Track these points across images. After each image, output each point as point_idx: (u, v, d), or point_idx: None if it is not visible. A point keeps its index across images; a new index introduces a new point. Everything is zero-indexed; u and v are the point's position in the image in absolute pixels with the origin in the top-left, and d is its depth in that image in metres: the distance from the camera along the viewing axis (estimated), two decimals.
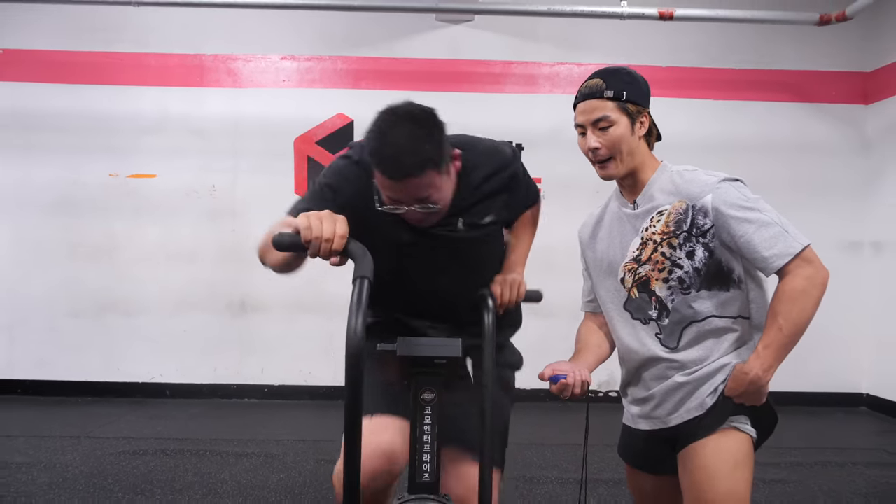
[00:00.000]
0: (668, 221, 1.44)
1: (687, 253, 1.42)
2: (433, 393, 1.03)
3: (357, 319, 0.92)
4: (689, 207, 1.42)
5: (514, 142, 4.76)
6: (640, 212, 1.49)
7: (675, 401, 1.46)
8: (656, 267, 1.45)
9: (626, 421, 1.68)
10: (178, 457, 3.37)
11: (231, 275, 4.72)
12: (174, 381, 4.72)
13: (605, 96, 1.45)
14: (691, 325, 1.44)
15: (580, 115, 1.50)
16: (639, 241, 1.49)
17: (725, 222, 1.38)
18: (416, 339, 1.02)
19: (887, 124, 4.72)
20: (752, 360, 1.38)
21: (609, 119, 1.45)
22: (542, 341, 4.77)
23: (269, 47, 4.75)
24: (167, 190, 4.70)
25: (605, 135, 1.45)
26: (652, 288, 1.47)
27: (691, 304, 1.43)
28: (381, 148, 1.30)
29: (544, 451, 3.60)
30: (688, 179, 1.45)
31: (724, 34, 4.78)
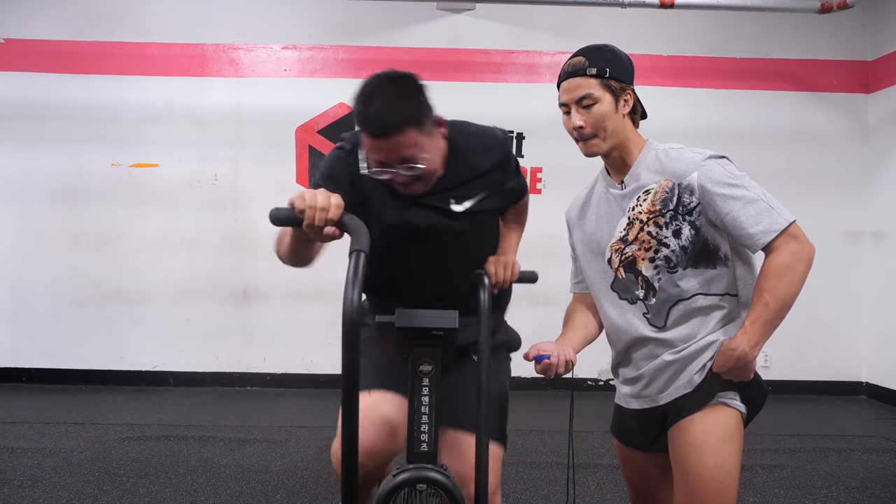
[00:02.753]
0: (655, 200, 1.43)
1: (673, 231, 1.41)
2: (431, 365, 1.04)
3: (353, 292, 0.94)
4: (675, 186, 1.41)
5: (514, 131, 4.78)
6: (628, 191, 1.48)
7: (665, 379, 1.47)
8: (642, 246, 1.45)
9: (618, 401, 1.68)
10: (181, 442, 3.40)
11: (233, 263, 4.75)
12: (177, 369, 4.76)
13: (588, 73, 1.43)
14: (678, 304, 1.44)
15: (564, 94, 1.47)
16: (625, 221, 1.48)
17: (711, 200, 1.38)
18: (414, 311, 1.03)
19: (889, 113, 4.72)
20: (739, 336, 1.38)
21: (593, 97, 1.43)
22: (542, 329, 4.81)
23: (271, 37, 4.76)
24: (169, 179, 4.73)
25: (589, 112, 1.44)
26: (638, 268, 1.47)
27: (678, 282, 1.43)
28: (364, 109, 1.34)
29: (544, 438, 3.63)
30: (673, 158, 1.44)
31: (725, 23, 4.77)
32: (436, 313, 1.04)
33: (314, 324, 4.66)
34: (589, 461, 3.26)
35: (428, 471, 1.06)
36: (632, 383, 1.56)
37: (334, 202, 1.11)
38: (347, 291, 0.94)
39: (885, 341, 4.70)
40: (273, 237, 1.51)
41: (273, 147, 4.75)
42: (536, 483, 2.95)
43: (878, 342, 4.76)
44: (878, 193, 4.79)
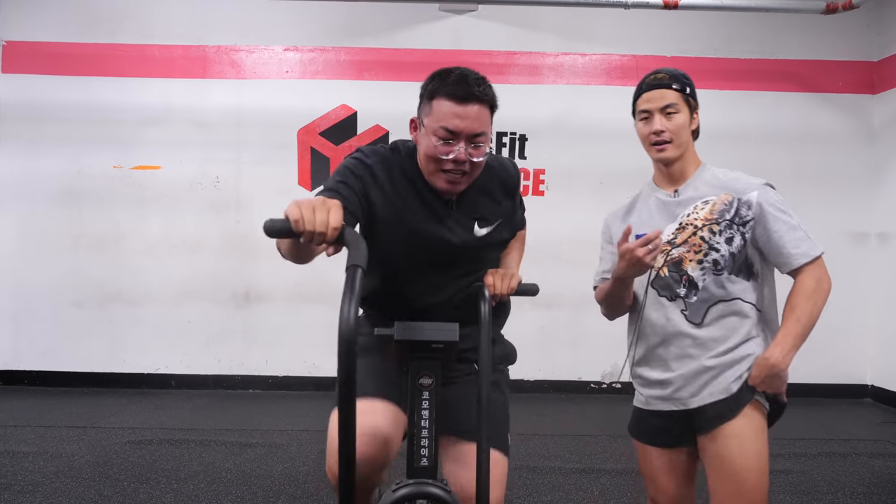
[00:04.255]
0: (713, 210, 1.59)
1: (726, 239, 1.57)
2: (431, 378, 1.02)
3: (350, 308, 0.91)
4: (735, 199, 1.59)
5: (516, 132, 4.76)
6: (682, 199, 1.64)
7: (699, 384, 1.57)
8: (692, 249, 1.59)
9: (639, 404, 1.74)
10: (182, 446, 3.39)
11: (235, 266, 4.73)
12: (178, 371, 4.74)
13: (672, 87, 1.62)
14: (718, 304, 1.58)
15: (647, 103, 1.64)
16: (675, 225, 1.63)
17: (764, 217, 1.56)
18: (413, 324, 1.01)
19: (894, 114, 4.68)
20: (773, 347, 1.51)
21: (675, 107, 1.61)
22: (545, 331, 4.80)
23: (272, 39, 4.74)
24: (171, 181, 4.71)
25: (671, 120, 1.61)
26: (684, 268, 1.60)
27: (724, 284, 1.57)
28: (447, 76, 1.40)
29: (547, 442, 3.61)
30: (733, 178, 1.63)
31: (730, 24, 4.74)
32: (436, 326, 1.01)
33: (316, 326, 4.63)
34: (592, 465, 3.23)
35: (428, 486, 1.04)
36: (659, 386, 1.64)
37: (332, 223, 1.05)
38: (344, 307, 0.91)
39: (891, 344, 4.67)
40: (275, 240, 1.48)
41: (275, 149, 4.73)
42: (539, 489, 2.93)
43: (883, 345, 4.73)
44: (884, 195, 4.76)
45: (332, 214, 1.06)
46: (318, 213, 1.06)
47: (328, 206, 1.08)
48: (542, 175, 4.78)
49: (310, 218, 1.04)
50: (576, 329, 4.83)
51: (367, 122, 4.72)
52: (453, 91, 1.38)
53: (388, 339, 1.00)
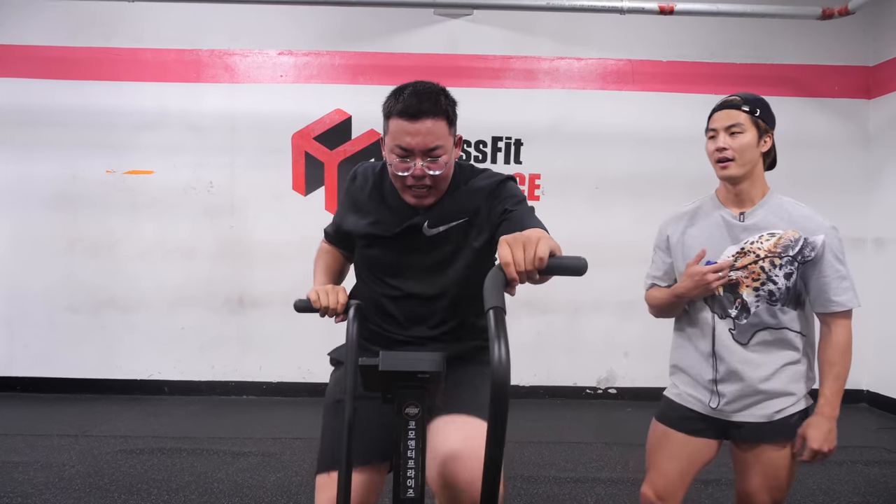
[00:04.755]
0: (778, 243, 1.67)
1: (786, 274, 1.67)
2: (417, 407, 1.00)
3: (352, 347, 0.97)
4: (801, 238, 1.66)
5: (512, 137, 4.74)
6: (748, 225, 1.71)
7: (745, 403, 1.70)
8: (751, 276, 1.68)
9: (673, 396, 1.86)
10: (174, 456, 3.36)
11: (229, 271, 4.71)
12: (172, 378, 4.72)
13: (741, 108, 1.70)
14: (765, 330, 1.69)
15: (715, 122, 1.73)
16: (736, 249, 1.70)
17: (822, 259, 1.66)
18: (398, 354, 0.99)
19: (889, 119, 4.68)
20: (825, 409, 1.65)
21: (741, 127, 1.68)
22: (542, 337, 4.79)
23: (267, 42, 4.71)
24: (165, 186, 4.68)
25: (735, 139, 1.68)
26: (740, 291, 1.70)
27: (776, 314, 1.68)
28: (397, 97, 1.45)
29: (542, 450, 3.59)
30: (804, 215, 1.70)
31: (726, 28, 4.73)
32: (421, 355, 1.00)
33: (311, 332, 4.57)
34: (587, 475, 3.22)
35: None
36: (706, 393, 1.75)
37: (340, 301, 1.50)
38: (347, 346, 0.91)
39: (887, 349, 4.66)
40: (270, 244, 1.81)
41: (269, 153, 4.70)
42: (534, 499, 2.91)
43: (879, 350, 4.72)
44: (880, 200, 4.75)
45: (340, 297, 1.50)
46: (330, 296, 1.50)
47: (337, 291, 1.52)
48: (538, 180, 4.76)
49: (325, 299, 1.49)
50: (571, 334, 4.81)
51: (361, 127, 4.69)
52: (403, 109, 1.42)
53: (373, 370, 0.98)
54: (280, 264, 4.62)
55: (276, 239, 4.62)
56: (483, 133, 4.71)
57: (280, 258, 4.62)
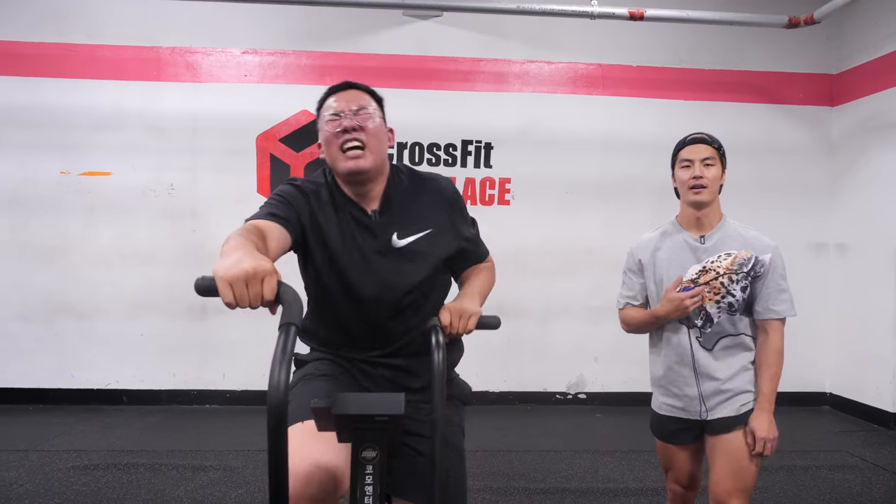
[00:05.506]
0: (734, 262, 1.91)
1: (741, 287, 1.91)
2: (375, 451, 0.94)
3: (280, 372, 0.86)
4: (753, 257, 1.91)
5: (482, 140, 4.69)
6: (708, 246, 1.95)
7: (714, 402, 1.93)
8: (713, 290, 1.91)
9: (657, 409, 2.08)
10: (130, 471, 3.23)
11: (191, 276, 4.45)
12: (131, 387, 4.55)
13: (712, 145, 1.95)
14: (727, 337, 1.93)
15: (689, 154, 1.94)
16: (699, 267, 1.94)
17: (768, 275, 1.91)
18: (354, 396, 0.92)
19: (852, 126, 4.76)
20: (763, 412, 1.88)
21: (713, 160, 1.92)
22: (510, 342, 4.75)
23: (230, 41, 4.57)
24: (122, 189, 4.51)
25: (708, 170, 1.92)
26: (703, 304, 1.92)
27: (735, 322, 1.92)
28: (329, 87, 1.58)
29: (511, 459, 3.55)
30: (753, 236, 1.95)
31: (695, 35, 4.75)
32: (380, 397, 0.93)
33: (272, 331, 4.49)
34: (557, 485, 3.18)
35: None
36: (682, 399, 1.97)
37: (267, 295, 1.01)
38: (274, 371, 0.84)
39: (849, 352, 4.74)
40: None
41: (233, 155, 4.57)
42: None
43: (841, 353, 4.81)
44: (842, 206, 4.83)
45: (265, 286, 1.01)
46: (251, 287, 1.00)
47: (260, 276, 1.01)
48: (508, 184, 4.72)
49: (242, 294, 1.00)
50: (541, 340, 4.78)
51: None
52: (332, 89, 1.58)
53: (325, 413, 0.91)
54: None
55: None
56: (453, 136, 4.65)
57: None
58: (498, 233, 4.65)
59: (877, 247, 4.45)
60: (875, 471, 3.48)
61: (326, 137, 1.53)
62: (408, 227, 1.56)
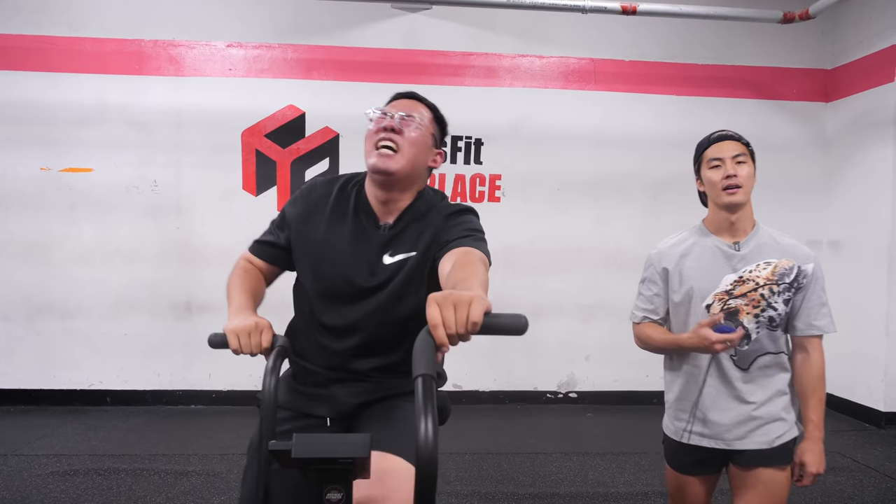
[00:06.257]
0: (774, 271, 1.73)
1: (784, 300, 1.73)
2: (340, 493, 0.88)
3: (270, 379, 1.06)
4: (795, 266, 1.74)
5: (472, 136, 4.61)
6: (744, 254, 1.75)
7: (746, 430, 1.73)
8: (751, 303, 1.72)
9: (673, 435, 1.86)
10: (111, 477, 3.15)
11: (175, 275, 4.47)
12: (114, 387, 4.47)
13: (741, 141, 1.77)
14: (766, 355, 1.74)
15: (719, 152, 1.75)
16: (734, 277, 1.74)
17: (812, 287, 1.74)
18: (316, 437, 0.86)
19: (846, 122, 4.71)
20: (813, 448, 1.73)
21: (744, 157, 1.74)
22: (500, 341, 4.69)
23: (214, 33, 4.47)
24: (104, 185, 4.41)
25: (741, 168, 1.73)
26: (740, 318, 1.73)
27: (776, 339, 1.74)
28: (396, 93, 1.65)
29: (500, 462, 3.50)
30: (791, 244, 1.78)
31: (688, 30, 4.68)
32: (343, 438, 0.86)
33: None
34: (546, 489, 3.14)
35: None
36: (707, 425, 1.77)
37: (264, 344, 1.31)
38: None
39: (841, 351, 4.70)
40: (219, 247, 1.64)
41: (218, 151, 4.47)
42: None
43: (834, 352, 4.76)
44: (836, 203, 4.79)
45: (263, 338, 1.31)
46: (252, 337, 1.31)
47: (260, 329, 1.32)
48: (498, 181, 4.65)
49: (246, 343, 1.30)
50: (532, 338, 4.72)
51: (316, 124, 4.50)
52: (392, 98, 1.63)
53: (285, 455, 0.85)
54: (229, 268, 4.39)
55: (225, 241, 4.40)
56: None
57: (229, 261, 4.31)
58: (488, 230, 4.55)
59: (870, 245, 4.41)
60: (867, 472, 3.45)
61: (368, 132, 1.54)
62: (401, 246, 1.51)
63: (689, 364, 1.79)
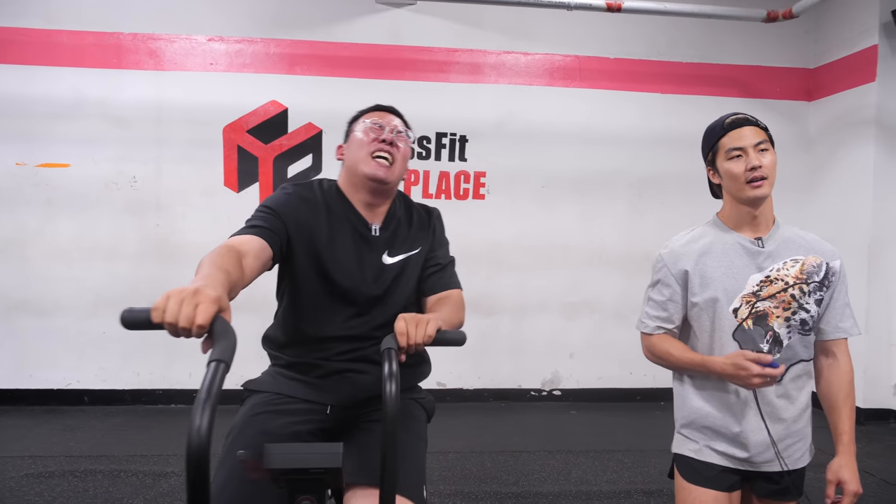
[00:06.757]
0: (803, 269, 1.57)
1: (816, 300, 1.57)
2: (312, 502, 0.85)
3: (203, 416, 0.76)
4: (823, 263, 1.58)
5: (457, 133, 4.58)
6: (770, 251, 1.58)
7: (774, 451, 1.56)
8: (781, 305, 1.55)
9: (690, 453, 1.65)
10: (88, 479, 3.10)
11: (155, 272, 4.40)
12: (93, 387, 4.40)
13: (759, 125, 1.59)
14: (799, 363, 1.57)
15: (738, 140, 1.57)
16: (761, 277, 1.56)
17: (839, 286, 1.60)
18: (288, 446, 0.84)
19: (828, 121, 4.74)
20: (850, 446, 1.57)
21: (767, 144, 1.56)
22: (486, 339, 4.68)
23: (195, 27, 4.39)
24: (82, 181, 4.33)
25: (764, 157, 1.55)
26: (770, 323, 1.56)
27: (808, 344, 1.58)
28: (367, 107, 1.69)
29: (483, 461, 3.48)
30: (815, 240, 1.63)
31: (673, 27, 4.68)
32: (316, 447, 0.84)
33: (243, 336, 4.27)
34: (529, 489, 3.13)
35: None
36: (736, 446, 1.58)
37: (199, 320, 0.92)
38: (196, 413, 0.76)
39: None
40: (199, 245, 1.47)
41: (199, 147, 4.40)
42: None
43: None
44: (818, 201, 4.82)
45: (199, 310, 0.93)
46: (184, 306, 0.93)
47: (198, 299, 0.94)
48: (483, 178, 4.62)
49: (173, 310, 0.92)
50: (516, 336, 4.72)
51: (298, 120, 4.44)
52: (376, 107, 1.68)
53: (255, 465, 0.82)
54: None
55: (205, 239, 4.30)
56: (427, 129, 4.53)
57: None
58: (472, 227, 4.57)
59: (850, 243, 4.44)
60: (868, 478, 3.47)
61: (361, 139, 1.60)
62: (399, 246, 1.62)
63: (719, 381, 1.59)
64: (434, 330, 1.25)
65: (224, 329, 0.92)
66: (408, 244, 1.63)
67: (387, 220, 1.64)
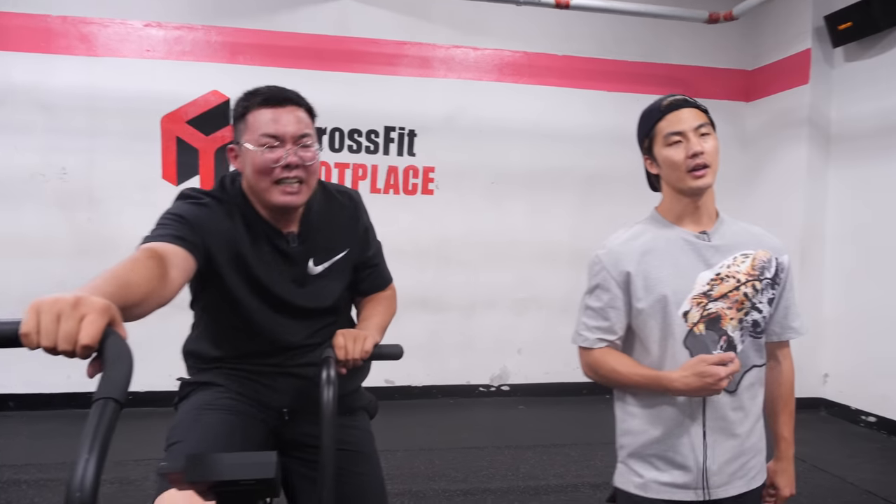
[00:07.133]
0: (754, 265, 1.42)
1: (768, 299, 1.42)
2: None
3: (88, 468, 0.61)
4: (773, 258, 1.44)
5: (405, 127, 4.52)
6: (717, 245, 1.42)
7: (730, 471, 1.39)
8: (735, 306, 1.39)
9: (635, 489, 1.42)
10: (11, 490, 2.91)
11: (88, 269, 4.10)
12: (19, 391, 4.15)
13: (699, 107, 1.42)
14: (752, 370, 1.42)
15: (678, 124, 1.39)
16: (711, 274, 1.39)
17: (788, 283, 1.47)
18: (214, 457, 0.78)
19: (764, 122, 4.91)
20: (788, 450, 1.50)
21: (708, 128, 1.39)
22: (436, 336, 4.65)
23: (130, 12, 4.18)
24: (6, 171, 4.06)
25: (706, 142, 1.37)
26: (723, 326, 1.38)
27: (760, 348, 1.43)
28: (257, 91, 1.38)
29: (432, 458, 3.45)
30: (762, 232, 1.50)
31: (621, 26, 4.74)
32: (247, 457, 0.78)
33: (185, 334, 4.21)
34: (478, 485, 3.12)
35: None
36: (683, 470, 1.38)
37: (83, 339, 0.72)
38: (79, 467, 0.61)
39: None
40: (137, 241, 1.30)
41: (135, 138, 4.20)
42: None
43: None
44: (755, 201, 4.98)
45: (84, 325, 0.73)
46: (63, 321, 0.72)
47: (81, 311, 0.73)
48: (432, 173, 4.59)
49: (49, 329, 0.71)
50: (465, 332, 4.71)
51: None
52: (266, 99, 1.36)
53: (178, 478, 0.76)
54: None
55: (143, 234, 4.13)
56: (375, 123, 4.46)
57: None
58: (421, 223, 4.53)
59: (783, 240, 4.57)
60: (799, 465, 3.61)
61: (260, 165, 1.34)
62: (323, 251, 1.49)
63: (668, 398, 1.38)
64: (371, 346, 1.32)
65: (117, 350, 0.74)
66: (333, 247, 1.51)
67: (303, 224, 1.47)
